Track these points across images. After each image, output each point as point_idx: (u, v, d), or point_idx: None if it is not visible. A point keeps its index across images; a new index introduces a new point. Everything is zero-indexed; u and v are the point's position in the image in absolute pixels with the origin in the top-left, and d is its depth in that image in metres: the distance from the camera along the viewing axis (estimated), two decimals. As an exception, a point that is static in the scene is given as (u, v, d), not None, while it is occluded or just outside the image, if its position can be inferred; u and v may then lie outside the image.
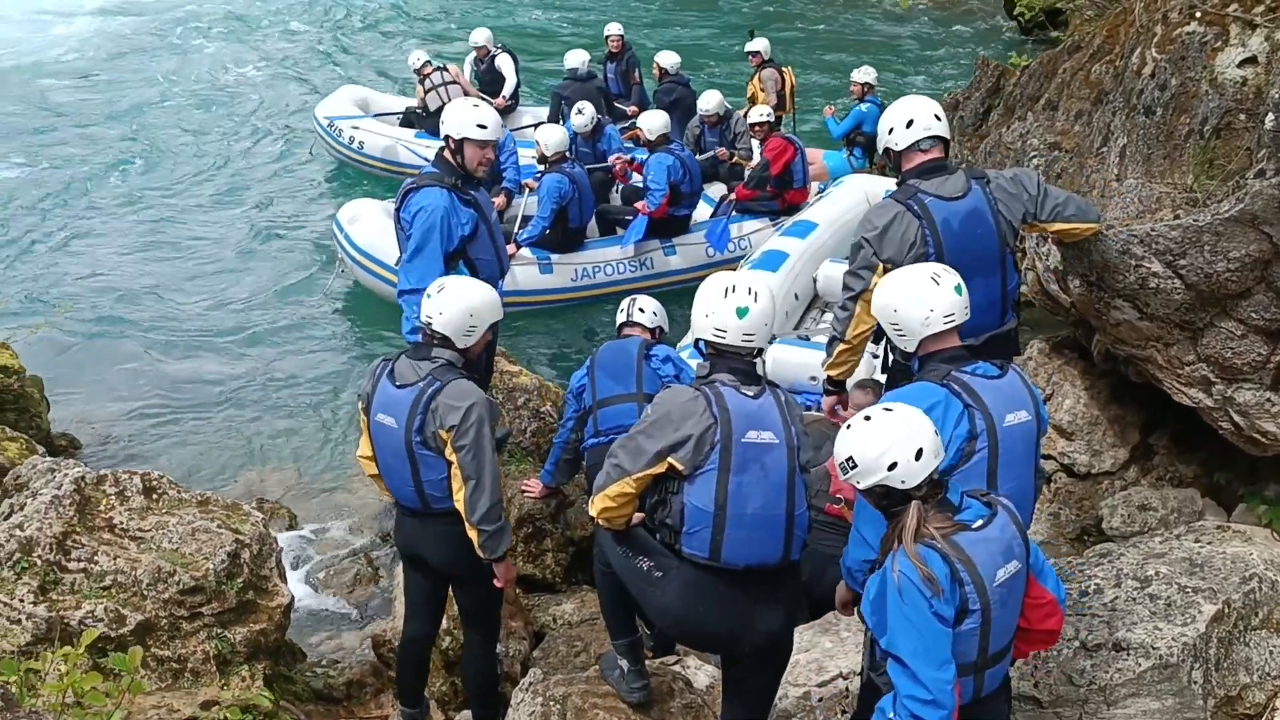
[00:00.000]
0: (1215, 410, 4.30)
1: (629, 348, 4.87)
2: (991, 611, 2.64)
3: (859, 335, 3.92)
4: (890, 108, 4.00)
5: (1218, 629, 3.56)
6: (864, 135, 9.64)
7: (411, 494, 3.71)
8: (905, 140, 3.87)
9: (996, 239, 3.85)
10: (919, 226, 3.76)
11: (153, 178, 11.41)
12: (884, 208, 3.87)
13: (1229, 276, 3.95)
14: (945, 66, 14.65)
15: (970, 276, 3.50)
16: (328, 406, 7.52)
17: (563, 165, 8.33)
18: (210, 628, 4.00)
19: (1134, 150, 4.39)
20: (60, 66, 14.89)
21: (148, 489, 4.30)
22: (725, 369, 3.16)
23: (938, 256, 3.69)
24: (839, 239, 7.88)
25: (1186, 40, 4.21)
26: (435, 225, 4.54)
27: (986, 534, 2.67)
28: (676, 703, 3.74)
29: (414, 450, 3.60)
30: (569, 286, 8.64)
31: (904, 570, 2.59)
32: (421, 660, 4.15)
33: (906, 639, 2.60)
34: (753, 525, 3.11)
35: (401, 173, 10.43)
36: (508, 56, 11.44)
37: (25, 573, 3.82)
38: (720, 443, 3.05)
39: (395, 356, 3.75)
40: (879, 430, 2.68)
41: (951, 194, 3.81)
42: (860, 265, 3.86)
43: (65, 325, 8.27)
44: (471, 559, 3.66)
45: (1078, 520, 5.02)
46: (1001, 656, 2.76)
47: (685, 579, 3.16)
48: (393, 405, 3.62)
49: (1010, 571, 2.67)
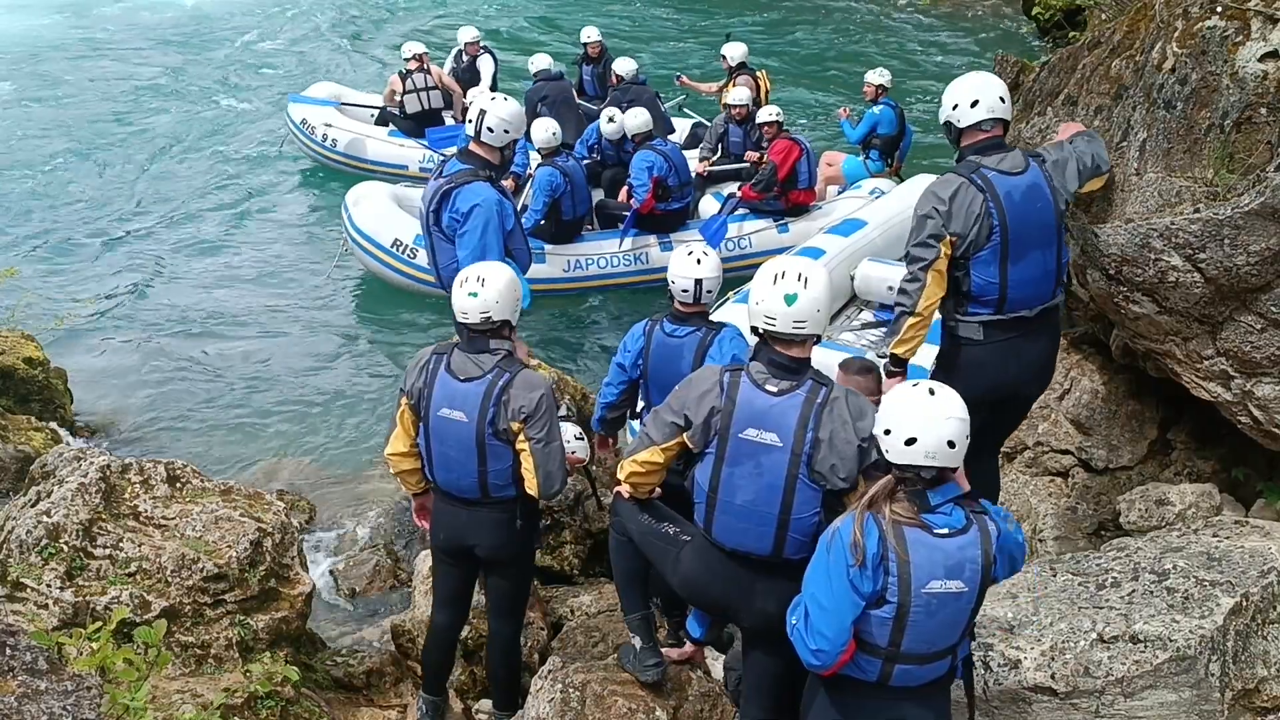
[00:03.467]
0: (1234, 405, 4.29)
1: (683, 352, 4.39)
2: (910, 613, 2.67)
3: (930, 306, 3.96)
4: (956, 82, 4.07)
5: (1235, 622, 3.55)
6: (880, 138, 9.60)
7: (474, 484, 3.77)
8: (969, 119, 3.97)
9: (1054, 213, 3.99)
10: (984, 200, 3.88)
11: (156, 176, 11.53)
12: (948, 181, 3.95)
13: (1249, 270, 3.94)
14: (963, 66, 14.62)
15: (1029, 249, 3.91)
16: (345, 396, 7.59)
17: (556, 159, 8.44)
18: (233, 615, 4.05)
19: (1154, 145, 4.38)
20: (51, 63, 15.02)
21: (172, 477, 4.36)
22: (765, 359, 3.17)
23: (1001, 229, 3.87)
24: (888, 240, 7.84)
25: (1207, 35, 4.20)
26: (493, 219, 4.63)
27: (941, 544, 2.67)
28: (694, 690, 3.77)
29: (485, 442, 3.68)
30: (561, 277, 8.70)
31: (841, 529, 2.70)
32: (449, 649, 4.23)
33: (819, 588, 2.72)
34: (739, 515, 3.19)
35: (374, 171, 10.56)
36: (489, 58, 11.51)
37: (52, 558, 3.87)
38: (719, 432, 3.14)
39: (446, 350, 3.78)
40: (905, 396, 2.75)
41: (1012, 169, 3.94)
42: (929, 235, 3.91)
43: (87, 319, 8.37)
44: (518, 547, 3.87)
45: (1095, 515, 5.02)
46: (923, 660, 2.78)
47: (698, 545, 3.32)
48: (460, 399, 3.68)
49: (947, 588, 2.67)
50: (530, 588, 4.11)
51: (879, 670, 2.77)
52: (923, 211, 3.95)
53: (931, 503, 2.71)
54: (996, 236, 3.90)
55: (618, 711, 3.58)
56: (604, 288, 8.88)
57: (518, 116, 4.84)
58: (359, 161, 10.85)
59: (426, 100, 10.68)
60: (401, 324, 8.57)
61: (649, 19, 17.29)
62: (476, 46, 11.41)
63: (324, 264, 9.39)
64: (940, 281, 3.93)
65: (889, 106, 9.60)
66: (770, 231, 8.93)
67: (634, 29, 16.59)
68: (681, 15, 17.48)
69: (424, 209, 4.85)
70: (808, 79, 14.34)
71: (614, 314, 8.84)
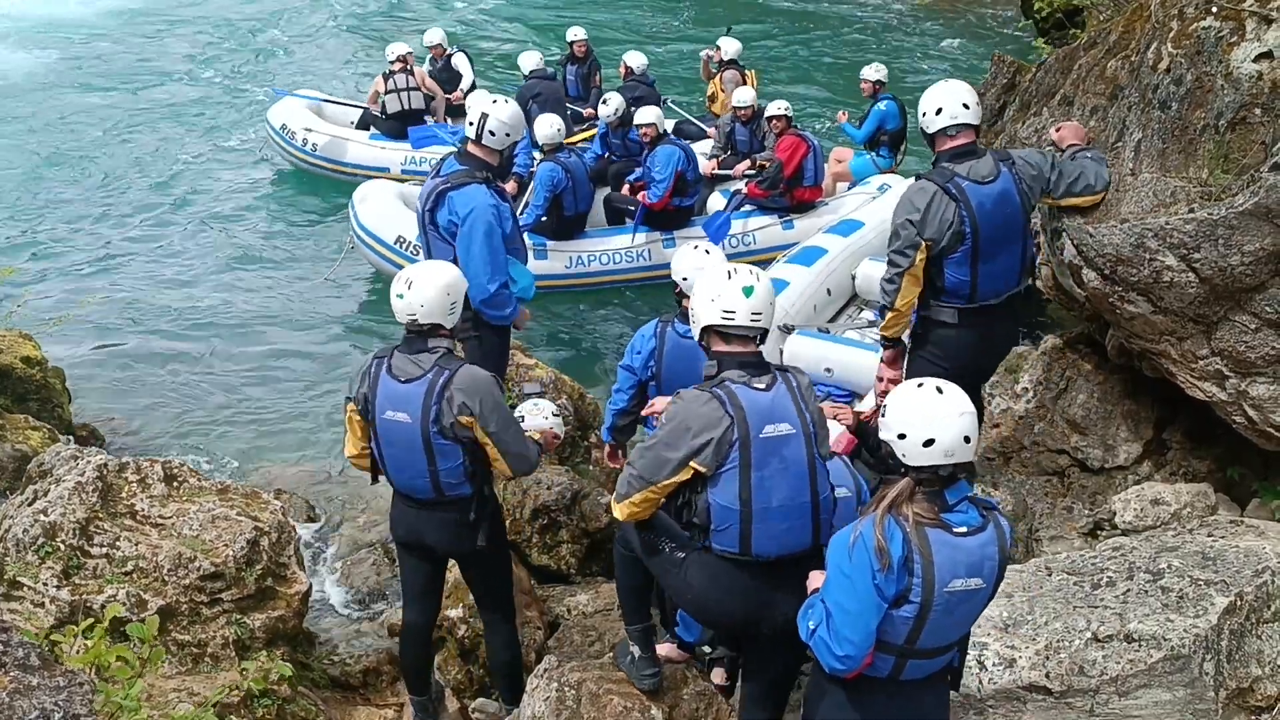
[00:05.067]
0: (1229, 404, 4.30)
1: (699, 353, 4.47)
2: (931, 612, 2.66)
3: (907, 303, 4.45)
4: (927, 91, 4.42)
5: (1230, 621, 3.56)
6: (887, 133, 9.57)
7: (426, 485, 3.74)
8: (935, 125, 4.34)
9: (1021, 215, 4.38)
10: (956, 208, 4.24)
11: (155, 176, 11.49)
12: (923, 190, 4.30)
13: (1243, 270, 3.95)
14: (961, 64, 14.62)
15: (1000, 250, 4.33)
16: (342, 398, 7.57)
17: (558, 155, 8.44)
18: (229, 614, 4.06)
19: (1149, 145, 4.39)
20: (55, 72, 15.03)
21: (169, 477, 4.36)
22: (734, 365, 3.16)
23: (973, 235, 4.26)
24: (884, 239, 7.84)
25: (1202, 35, 4.21)
26: (492, 223, 4.64)
27: (963, 542, 2.67)
28: (689, 689, 3.78)
29: (431, 441, 3.64)
30: (563, 273, 8.68)
31: (864, 533, 2.65)
32: (423, 646, 4.19)
33: (842, 594, 2.68)
34: (779, 517, 3.13)
35: (356, 175, 10.50)
36: (463, 55, 11.53)
37: (49, 557, 3.88)
38: (739, 441, 3.06)
39: (385, 354, 3.77)
40: (914, 399, 2.73)
41: (983, 178, 4.27)
42: (905, 245, 4.32)
43: (85, 319, 8.36)
44: (477, 543, 3.79)
45: (1090, 515, 5.02)
46: (933, 654, 2.78)
47: (705, 563, 3.20)
48: (402, 400, 3.65)
49: (969, 586, 2.68)
50: (511, 577, 4.10)
51: (891, 666, 2.77)
52: (900, 219, 4.35)
53: (949, 501, 2.71)
54: (968, 242, 4.28)
55: (613, 710, 3.58)
56: (606, 284, 8.85)
57: (518, 119, 4.85)
58: (339, 165, 10.79)
59: (407, 100, 10.66)
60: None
61: (634, 20, 17.26)
62: (441, 49, 11.42)
63: (328, 262, 9.39)
64: (915, 282, 4.39)
65: (891, 100, 9.58)
66: (775, 228, 8.92)
67: (624, 30, 16.57)
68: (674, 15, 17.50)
69: (420, 208, 4.85)
70: (807, 80, 14.34)
71: (614, 314, 8.84)
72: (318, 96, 11.59)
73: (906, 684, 2.82)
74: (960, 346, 4.53)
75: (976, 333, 4.52)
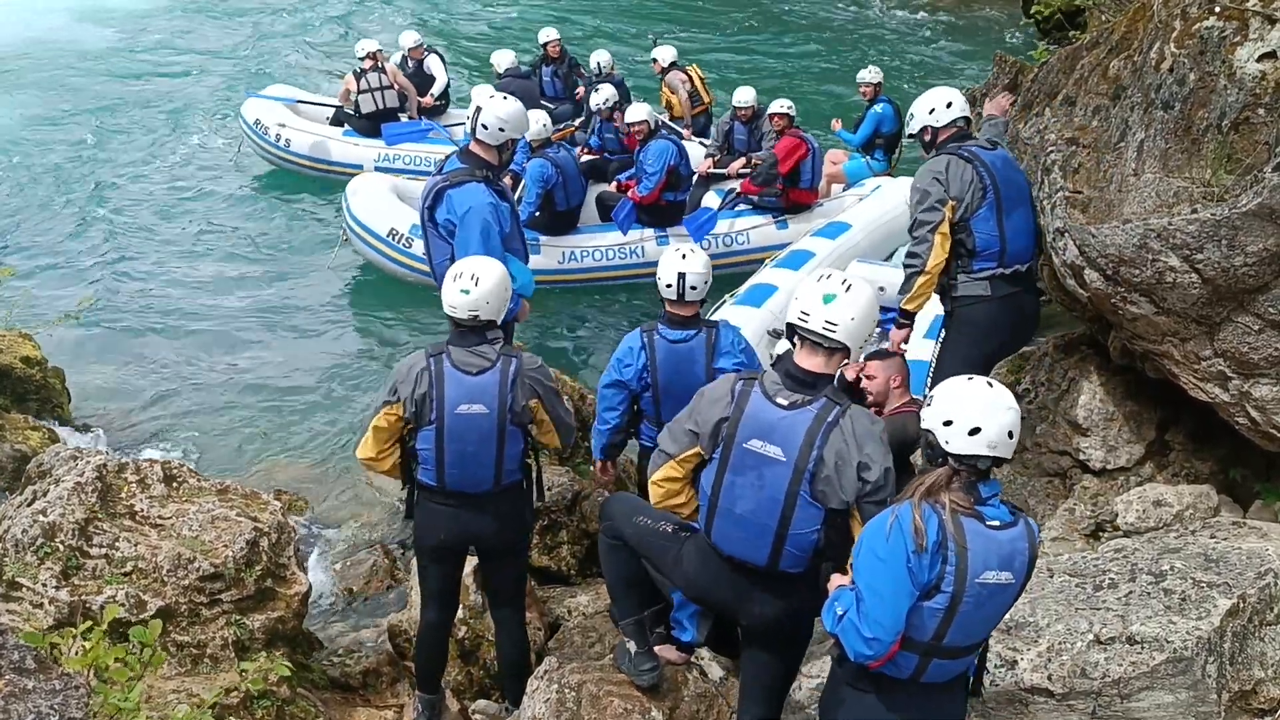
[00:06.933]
0: (1232, 406, 4.28)
1: (695, 355, 4.29)
2: (961, 604, 2.66)
3: (937, 265, 4.60)
4: (927, 94, 4.90)
5: (1232, 623, 3.55)
6: (883, 136, 9.57)
7: (489, 475, 3.81)
8: (946, 118, 4.81)
9: (1025, 178, 4.76)
10: (974, 168, 4.60)
11: (155, 175, 11.52)
12: (939, 160, 4.66)
13: (1246, 271, 3.93)
14: (961, 65, 14.61)
15: (1017, 206, 4.68)
16: (342, 396, 7.59)
17: (547, 150, 8.45)
18: (229, 614, 4.05)
19: (1152, 145, 4.37)
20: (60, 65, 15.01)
21: (168, 477, 4.35)
22: (783, 370, 3.15)
23: (993, 188, 4.59)
24: (872, 241, 7.85)
25: (1205, 35, 4.19)
26: (489, 221, 4.65)
27: (996, 535, 2.68)
28: (689, 691, 3.77)
29: (505, 429, 3.74)
30: (556, 268, 8.69)
31: (901, 515, 2.66)
32: (442, 646, 4.23)
33: (873, 575, 2.68)
34: (738, 524, 3.19)
35: (330, 171, 10.57)
36: (436, 58, 11.53)
37: (48, 558, 3.87)
38: (725, 440, 3.13)
39: (438, 352, 3.77)
40: (965, 388, 2.75)
41: (987, 146, 4.78)
42: (934, 201, 4.57)
43: (84, 318, 8.36)
44: (525, 532, 4.04)
45: (1093, 516, 5.00)
46: (958, 654, 2.78)
47: (699, 544, 3.34)
48: (477, 392, 3.71)
49: (1000, 579, 2.68)
50: (527, 571, 4.24)
51: (914, 665, 2.76)
52: (923, 185, 4.62)
53: (983, 495, 2.72)
54: (990, 195, 4.59)
55: (614, 712, 3.57)
56: (599, 280, 8.86)
57: (515, 116, 4.83)
58: (314, 162, 10.80)
59: (381, 100, 10.67)
60: (400, 322, 8.58)
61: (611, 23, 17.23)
62: (420, 50, 11.41)
63: (323, 257, 9.42)
64: (945, 243, 4.58)
65: (888, 103, 9.59)
66: (769, 228, 8.91)
67: (594, 32, 16.54)
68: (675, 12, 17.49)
69: (420, 205, 4.87)
70: (806, 82, 14.33)
71: (613, 314, 8.83)
72: (290, 97, 11.55)
73: (927, 686, 2.81)
74: (993, 324, 4.72)
75: (1008, 307, 4.72)
